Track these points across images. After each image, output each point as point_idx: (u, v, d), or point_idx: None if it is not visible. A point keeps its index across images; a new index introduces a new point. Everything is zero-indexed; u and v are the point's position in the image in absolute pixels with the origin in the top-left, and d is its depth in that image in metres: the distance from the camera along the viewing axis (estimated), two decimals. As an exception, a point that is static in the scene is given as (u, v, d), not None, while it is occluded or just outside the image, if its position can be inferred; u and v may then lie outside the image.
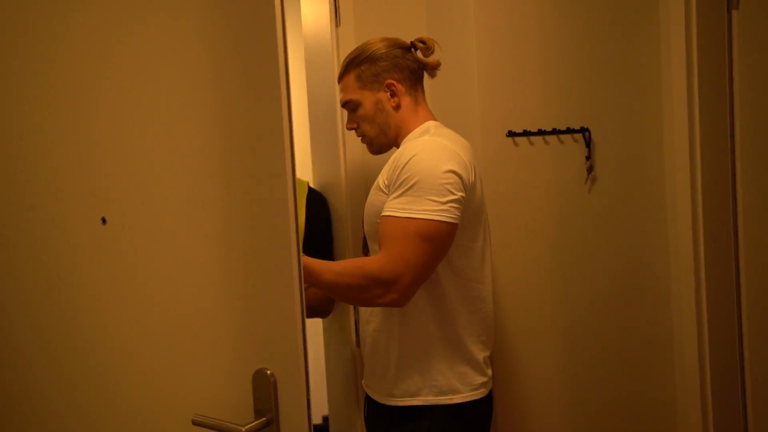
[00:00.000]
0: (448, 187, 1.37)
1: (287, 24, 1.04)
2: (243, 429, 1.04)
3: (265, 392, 1.07)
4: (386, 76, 1.56)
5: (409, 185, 1.37)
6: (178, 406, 1.16)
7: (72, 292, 1.28)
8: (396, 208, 1.38)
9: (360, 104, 1.58)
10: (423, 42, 1.60)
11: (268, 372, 1.07)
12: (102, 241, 1.23)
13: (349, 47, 1.87)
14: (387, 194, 1.45)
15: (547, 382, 1.95)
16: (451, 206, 1.37)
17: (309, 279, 1.39)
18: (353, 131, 1.66)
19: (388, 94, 1.56)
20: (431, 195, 1.36)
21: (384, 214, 1.40)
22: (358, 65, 1.58)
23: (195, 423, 1.09)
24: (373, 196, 1.50)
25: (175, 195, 1.15)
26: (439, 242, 1.38)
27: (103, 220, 1.23)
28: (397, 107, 1.57)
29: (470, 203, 1.45)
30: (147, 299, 1.19)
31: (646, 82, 2.03)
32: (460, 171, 1.40)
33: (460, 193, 1.39)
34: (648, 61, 2.03)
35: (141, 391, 1.21)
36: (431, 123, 1.57)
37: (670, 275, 2.07)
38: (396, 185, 1.40)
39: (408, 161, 1.40)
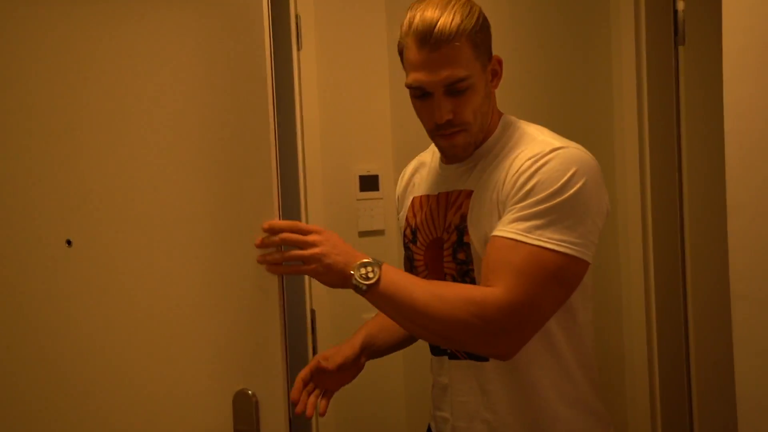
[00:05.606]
0: (600, 214, 1.03)
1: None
2: (223, 451, 1.01)
3: (246, 413, 1.05)
4: (491, 51, 1.12)
5: (551, 204, 0.98)
6: (156, 429, 1.12)
7: (36, 317, 1.22)
8: (524, 230, 0.98)
9: (472, 83, 1.06)
10: None
11: (250, 392, 1.05)
12: (67, 264, 1.19)
13: (310, 71, 1.88)
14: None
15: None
16: (593, 240, 1.01)
17: (389, 293, 0.99)
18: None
19: (491, 74, 1.12)
20: (581, 221, 0.99)
21: (506, 236, 0.99)
22: (475, 33, 1.05)
23: (173, 447, 1.06)
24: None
25: (150, 214, 1.12)
26: (571, 287, 1.02)
27: (68, 242, 1.19)
28: (491, 93, 1.13)
29: None
30: (119, 321, 1.14)
31: (599, 112, 2.14)
32: (607, 194, 1.06)
33: (601, 225, 1.05)
34: (600, 94, 2.14)
35: (117, 415, 1.16)
36: (509, 117, 1.17)
37: (621, 291, 2.16)
38: (523, 192, 1.01)
39: (545, 164, 1.01)
